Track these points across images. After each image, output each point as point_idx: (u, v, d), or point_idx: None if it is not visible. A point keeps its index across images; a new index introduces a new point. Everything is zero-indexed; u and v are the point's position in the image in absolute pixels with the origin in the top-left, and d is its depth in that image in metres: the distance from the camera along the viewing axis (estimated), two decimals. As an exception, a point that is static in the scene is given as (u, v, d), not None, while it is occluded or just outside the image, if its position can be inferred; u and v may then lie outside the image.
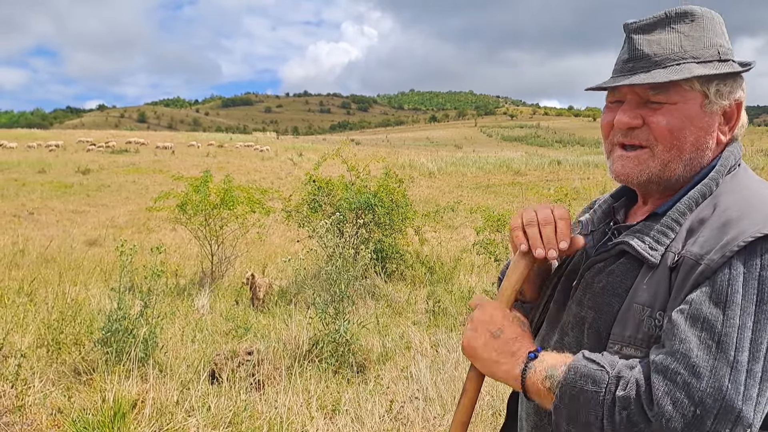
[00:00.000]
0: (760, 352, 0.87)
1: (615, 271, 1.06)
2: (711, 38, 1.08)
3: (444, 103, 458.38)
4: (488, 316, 1.10)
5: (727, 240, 0.93)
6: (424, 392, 3.88)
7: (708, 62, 1.06)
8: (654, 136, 1.07)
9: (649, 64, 1.07)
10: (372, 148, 54.10)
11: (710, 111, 1.07)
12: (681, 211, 1.05)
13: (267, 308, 6.48)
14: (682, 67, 1.05)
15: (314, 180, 8.73)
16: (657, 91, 1.06)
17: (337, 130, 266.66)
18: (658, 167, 1.08)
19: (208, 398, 3.69)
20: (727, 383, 0.84)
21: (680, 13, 1.09)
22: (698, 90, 1.06)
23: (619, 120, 1.10)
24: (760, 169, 27.38)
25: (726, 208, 1.00)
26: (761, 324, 0.88)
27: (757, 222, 0.93)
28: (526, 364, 1.02)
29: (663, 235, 1.03)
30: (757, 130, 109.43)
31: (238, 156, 43.25)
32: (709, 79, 1.06)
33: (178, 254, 10.50)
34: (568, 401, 0.93)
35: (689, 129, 1.06)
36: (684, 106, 1.06)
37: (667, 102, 1.06)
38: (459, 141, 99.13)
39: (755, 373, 0.86)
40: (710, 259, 0.93)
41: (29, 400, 3.56)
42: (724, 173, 1.08)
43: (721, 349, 0.86)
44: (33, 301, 5.99)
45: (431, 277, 8.11)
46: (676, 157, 1.07)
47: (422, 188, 25.24)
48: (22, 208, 18.06)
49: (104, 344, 4.21)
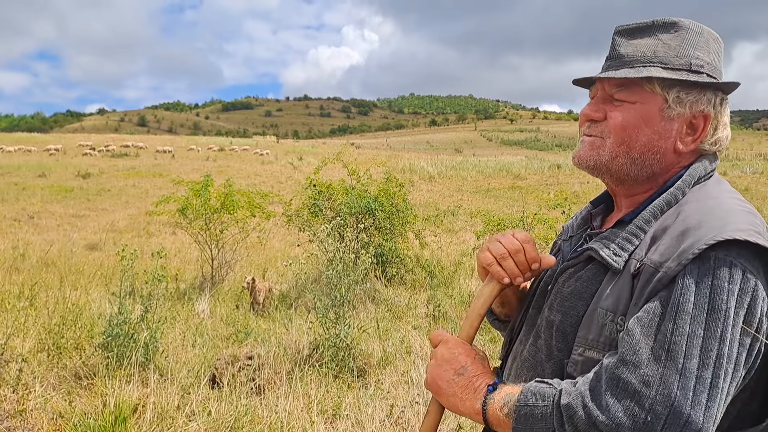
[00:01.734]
0: (710, 359, 0.88)
1: (583, 276, 1.10)
2: (688, 49, 1.11)
3: (444, 107, 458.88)
4: (452, 354, 1.14)
5: (684, 248, 0.95)
6: (424, 397, 3.88)
7: (675, 69, 1.09)
8: (609, 128, 1.13)
9: (620, 63, 1.13)
10: (372, 152, 54.14)
11: (668, 116, 1.10)
12: (645, 218, 1.07)
13: (267, 312, 6.49)
14: (647, 69, 1.09)
15: (315, 184, 8.75)
16: (620, 89, 1.12)
17: (337, 134, 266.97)
18: (606, 157, 1.13)
19: (208, 403, 3.69)
20: (675, 390, 0.86)
21: (667, 22, 1.13)
22: (659, 93, 1.10)
23: (583, 112, 1.18)
24: (759, 173, 27.40)
25: (687, 216, 1.01)
26: (711, 331, 0.89)
27: (713, 229, 0.95)
28: (486, 396, 1.05)
29: (627, 242, 1.06)
30: (757, 134, 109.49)
31: (238, 160, 43.28)
32: (670, 84, 1.09)
33: (179, 258, 10.51)
34: (523, 420, 0.97)
35: (642, 129, 1.10)
36: (642, 107, 1.10)
37: (626, 100, 1.11)
38: (459, 145, 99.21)
39: (704, 379, 0.87)
40: (668, 267, 0.95)
41: (30, 405, 3.56)
42: (691, 183, 1.10)
43: (670, 357, 0.88)
44: (33, 306, 5.99)
45: (431, 281, 8.12)
46: (624, 152, 1.12)
47: (422, 192, 25.25)
48: (23, 212, 18.06)
49: (105, 349, 4.22)
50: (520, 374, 1.16)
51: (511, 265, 1.18)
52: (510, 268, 1.18)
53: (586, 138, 1.17)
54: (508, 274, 1.18)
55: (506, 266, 1.18)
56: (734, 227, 0.94)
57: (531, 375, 1.12)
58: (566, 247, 1.27)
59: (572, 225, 1.31)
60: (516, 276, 1.18)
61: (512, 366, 1.22)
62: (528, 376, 1.13)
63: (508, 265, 1.18)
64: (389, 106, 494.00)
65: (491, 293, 1.21)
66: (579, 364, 1.04)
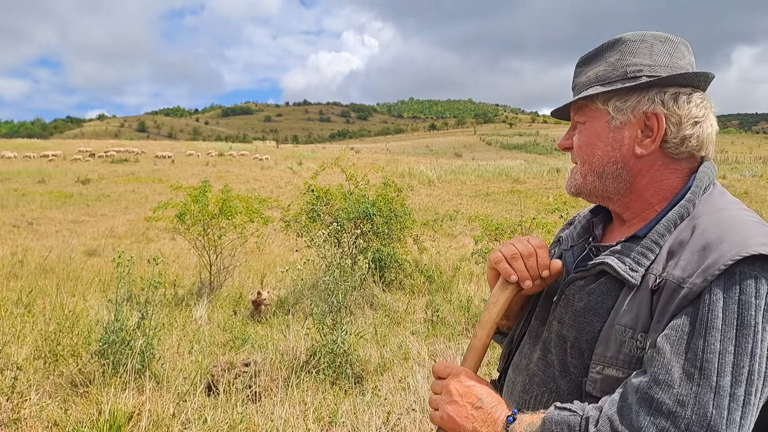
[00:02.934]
0: (742, 375, 0.88)
1: (595, 290, 1.09)
2: (625, 59, 1.14)
3: (443, 111, 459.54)
4: (466, 388, 1.12)
5: (708, 264, 0.95)
6: (421, 403, 3.86)
7: (611, 82, 1.14)
8: (575, 153, 1.21)
9: (576, 93, 1.20)
10: (372, 156, 54.18)
11: (615, 126, 1.14)
12: (660, 232, 1.07)
13: (264, 318, 6.47)
14: (586, 91, 1.16)
15: (313, 189, 8.74)
16: (576, 113, 1.20)
17: (336, 139, 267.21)
18: (580, 179, 1.20)
19: (204, 410, 3.68)
20: (711, 409, 0.86)
21: (612, 42, 1.18)
22: (602, 108, 1.15)
23: (558, 143, 1.27)
24: (759, 177, 27.40)
25: (704, 230, 1.01)
26: (742, 348, 0.89)
27: (736, 244, 0.95)
28: (506, 428, 1.04)
29: (643, 257, 1.06)
30: (756, 138, 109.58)
31: (237, 165, 43.30)
32: (607, 96, 1.14)
33: (177, 264, 10.49)
34: None
35: (596, 144, 1.16)
36: (591, 124, 1.17)
37: (580, 121, 1.19)
38: (458, 149, 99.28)
39: (738, 396, 0.87)
40: (692, 283, 0.95)
41: (25, 413, 3.54)
42: (699, 194, 1.10)
43: (703, 375, 0.88)
44: (31, 313, 5.98)
45: (430, 286, 8.10)
46: (588, 170, 1.18)
47: (421, 196, 25.26)
48: (22, 218, 18.05)
49: (101, 356, 4.21)
50: (528, 390, 1.15)
51: (521, 266, 1.17)
52: (520, 269, 1.17)
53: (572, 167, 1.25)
54: (518, 275, 1.17)
55: (516, 266, 1.17)
56: (756, 241, 0.94)
57: (542, 391, 1.11)
58: (568, 256, 1.25)
59: (572, 234, 1.30)
60: (525, 279, 1.16)
61: (516, 380, 1.20)
62: (539, 391, 1.12)
63: (518, 266, 1.17)
64: (389, 110, 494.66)
65: (507, 300, 1.19)
66: (598, 382, 1.03)
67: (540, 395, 1.11)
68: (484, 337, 1.19)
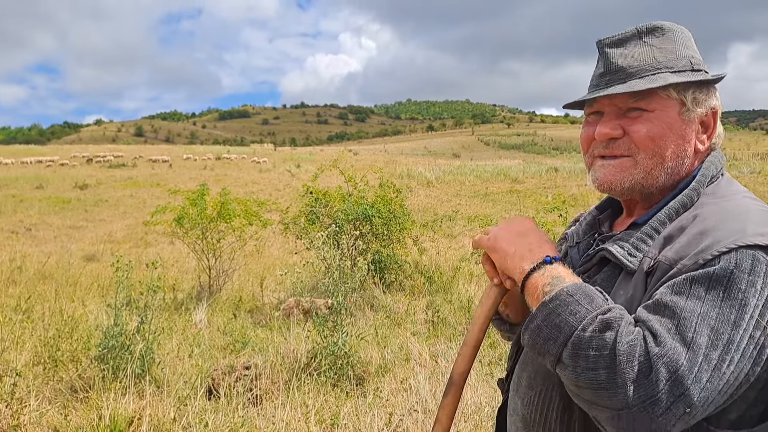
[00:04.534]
0: (719, 341, 0.86)
1: (598, 279, 1.08)
2: (682, 50, 1.11)
3: (441, 112, 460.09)
4: (520, 220, 1.17)
5: (702, 247, 0.94)
6: (423, 404, 3.84)
7: (682, 71, 1.09)
8: (635, 144, 1.09)
9: (625, 75, 1.09)
10: (370, 158, 54.20)
11: (688, 119, 1.09)
12: (661, 220, 1.06)
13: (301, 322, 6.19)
14: (658, 76, 1.07)
15: (311, 191, 8.73)
16: (636, 99, 1.08)
17: (335, 141, 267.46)
18: (641, 174, 1.10)
19: (205, 414, 3.66)
20: (682, 360, 0.84)
21: (650, 27, 1.13)
22: (675, 98, 1.08)
23: (600, 132, 1.12)
24: (757, 173, 27.43)
25: (705, 218, 1.00)
26: (725, 316, 0.87)
27: (734, 231, 0.93)
28: (537, 264, 1.04)
29: (642, 242, 1.05)
30: (754, 134, 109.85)
31: (235, 168, 43.30)
32: (685, 87, 1.08)
33: (176, 268, 10.47)
34: (558, 303, 0.95)
35: (669, 137, 1.08)
36: (662, 114, 1.08)
37: (646, 109, 1.08)
38: (456, 150, 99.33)
39: (711, 359, 0.85)
40: (683, 264, 0.94)
41: (25, 419, 3.52)
42: (705, 183, 1.09)
43: (678, 330, 0.86)
44: (30, 318, 5.96)
45: (430, 286, 8.09)
46: (658, 164, 1.09)
47: (420, 197, 25.24)
48: (20, 224, 18.03)
49: (101, 361, 4.18)
50: (533, 384, 1.13)
51: None
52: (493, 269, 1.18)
53: (609, 160, 1.12)
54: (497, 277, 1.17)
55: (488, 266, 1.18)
56: (754, 231, 0.93)
57: (547, 385, 1.09)
58: (574, 253, 1.24)
59: (577, 231, 1.28)
60: (505, 279, 1.15)
61: (521, 375, 1.18)
62: (543, 386, 1.10)
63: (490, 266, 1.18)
64: (386, 112, 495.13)
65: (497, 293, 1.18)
66: None
67: (544, 389, 1.10)
68: (477, 332, 1.18)
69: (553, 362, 0.93)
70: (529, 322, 0.98)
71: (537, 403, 1.11)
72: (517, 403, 1.18)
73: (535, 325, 0.96)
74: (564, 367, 0.92)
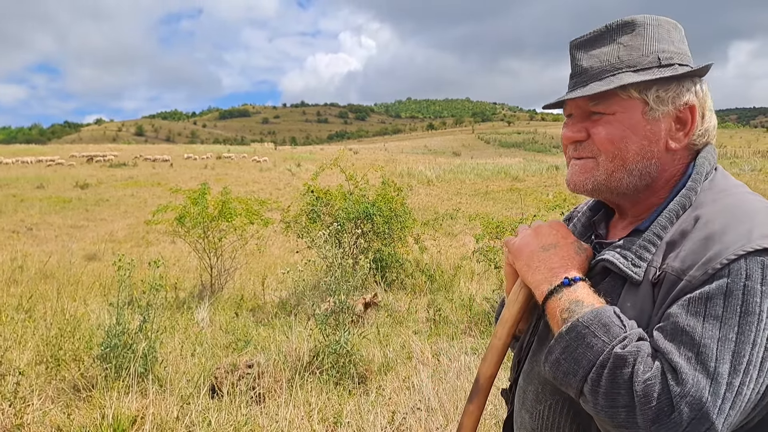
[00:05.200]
0: (741, 365, 0.84)
1: (601, 290, 1.04)
2: (652, 45, 1.07)
3: (441, 111, 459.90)
4: (549, 231, 1.13)
5: (709, 256, 0.91)
6: (426, 402, 3.84)
7: (646, 69, 1.05)
8: (596, 146, 1.08)
9: (588, 77, 1.08)
10: (370, 157, 54.18)
11: (653, 118, 1.06)
12: (662, 225, 1.03)
13: (367, 321, 6.16)
14: (617, 77, 1.05)
15: (312, 190, 8.72)
16: (595, 102, 1.07)
17: (335, 140, 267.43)
18: (603, 176, 1.09)
19: (208, 413, 3.66)
20: (706, 395, 0.83)
21: (621, 24, 1.09)
22: (637, 98, 1.05)
23: (564, 134, 1.14)
24: (758, 171, 27.42)
25: (708, 220, 0.97)
26: (745, 336, 0.85)
27: (741, 236, 0.91)
28: (555, 287, 1.02)
29: (645, 251, 1.02)
30: (755, 132, 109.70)
31: (236, 167, 43.29)
32: (647, 85, 1.05)
33: (178, 267, 10.47)
34: (574, 336, 0.93)
35: (630, 138, 1.06)
36: (623, 116, 1.06)
37: (605, 112, 1.07)
38: (457, 148, 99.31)
39: (734, 386, 0.84)
40: (692, 276, 0.91)
41: (28, 418, 3.52)
42: (701, 181, 1.06)
43: (699, 360, 0.84)
44: (32, 318, 5.96)
45: (431, 285, 8.09)
46: (619, 166, 1.07)
47: (421, 196, 25.24)
48: (21, 223, 18.03)
49: (103, 360, 4.19)
50: (542, 399, 1.09)
51: None
52: None
53: (577, 161, 1.13)
54: None
55: None
56: (760, 233, 0.90)
57: (556, 399, 1.06)
58: None
59: (572, 232, 1.23)
60: None
61: (527, 389, 1.14)
62: (553, 400, 1.07)
63: None
64: (386, 110, 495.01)
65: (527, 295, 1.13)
66: None
67: (554, 403, 1.06)
68: (505, 336, 1.14)
69: (576, 395, 0.93)
70: (549, 354, 0.97)
71: (548, 417, 1.08)
72: (524, 418, 1.14)
73: (554, 358, 0.95)
74: (586, 402, 0.91)
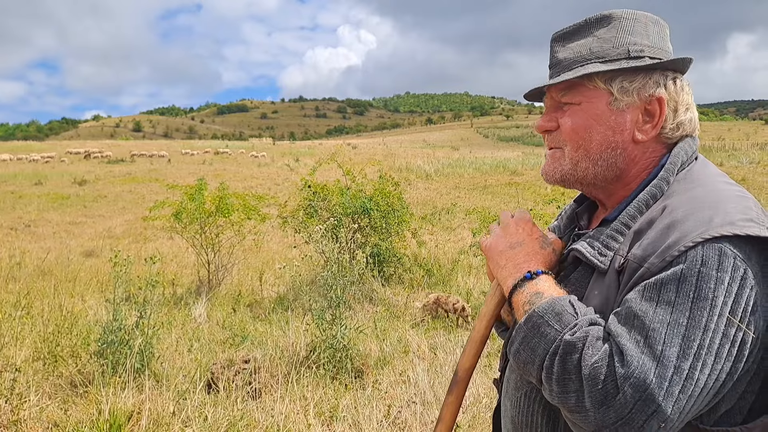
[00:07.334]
0: (690, 349, 0.84)
1: (572, 279, 1.07)
2: (624, 38, 1.08)
3: (440, 105, 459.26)
4: (516, 228, 1.15)
5: (668, 243, 0.92)
6: (422, 396, 3.86)
7: (614, 60, 1.07)
8: (563, 136, 1.11)
9: (560, 68, 1.11)
10: (368, 151, 54.10)
11: (617, 108, 1.07)
12: (631, 214, 1.04)
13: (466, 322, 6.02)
14: (584, 67, 1.07)
15: (310, 185, 8.72)
16: (564, 92, 1.10)
17: (333, 135, 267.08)
18: (569, 166, 1.12)
19: (204, 408, 3.67)
20: (651, 377, 0.83)
21: (599, 17, 1.11)
22: (602, 88, 1.07)
23: (537, 124, 1.17)
24: (756, 163, 27.41)
25: (673, 209, 0.98)
26: (696, 320, 0.85)
27: (701, 223, 0.91)
28: (518, 281, 1.05)
29: (612, 240, 1.03)
30: (753, 124, 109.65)
31: (234, 163, 43.22)
32: (612, 75, 1.07)
33: (175, 263, 10.47)
34: (531, 327, 0.96)
35: (594, 128, 1.08)
36: (589, 106, 1.08)
37: (572, 102, 1.09)
38: (455, 142, 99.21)
39: (682, 370, 0.84)
40: (651, 263, 0.92)
41: (25, 414, 3.53)
42: (674, 171, 1.06)
43: (647, 343, 0.85)
44: (29, 314, 5.96)
45: (429, 279, 8.10)
46: (583, 156, 1.10)
47: (419, 190, 25.21)
48: (19, 220, 18.00)
49: (100, 356, 4.20)
50: (520, 386, 1.13)
51: None
52: None
53: (548, 151, 1.16)
54: None
55: None
56: (722, 220, 0.90)
57: (531, 386, 1.08)
58: None
59: (559, 226, 1.28)
60: None
61: (510, 377, 1.18)
62: (528, 388, 1.10)
63: None
64: (385, 105, 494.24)
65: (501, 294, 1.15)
66: None
67: (529, 391, 1.09)
68: (483, 329, 1.18)
69: (538, 383, 0.96)
70: (511, 345, 1.00)
71: (523, 405, 1.11)
72: (506, 405, 1.18)
73: (515, 348, 0.99)
74: (544, 389, 0.94)
